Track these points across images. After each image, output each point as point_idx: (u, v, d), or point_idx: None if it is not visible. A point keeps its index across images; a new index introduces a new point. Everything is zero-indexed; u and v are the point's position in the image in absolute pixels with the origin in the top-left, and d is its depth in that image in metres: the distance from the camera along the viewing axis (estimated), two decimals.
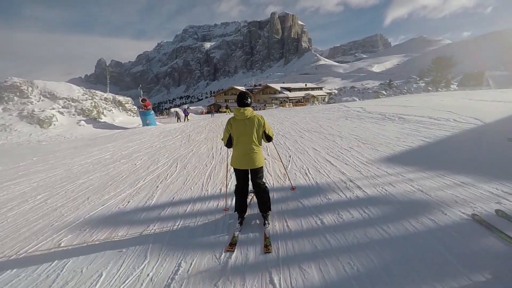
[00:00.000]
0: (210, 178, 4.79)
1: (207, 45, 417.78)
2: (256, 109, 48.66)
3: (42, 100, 20.48)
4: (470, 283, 1.83)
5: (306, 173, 4.58)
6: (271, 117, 17.49)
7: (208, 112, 54.77)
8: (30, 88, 20.08)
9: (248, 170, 3.00)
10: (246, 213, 3.15)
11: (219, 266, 2.25)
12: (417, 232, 2.50)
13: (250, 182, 3.08)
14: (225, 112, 40.17)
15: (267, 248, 2.47)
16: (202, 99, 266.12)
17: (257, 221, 3.05)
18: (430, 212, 2.84)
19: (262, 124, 2.95)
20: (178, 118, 27.81)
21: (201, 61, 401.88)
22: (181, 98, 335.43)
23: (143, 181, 5.10)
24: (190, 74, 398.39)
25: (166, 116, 47.87)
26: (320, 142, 7.31)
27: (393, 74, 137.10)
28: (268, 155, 6.28)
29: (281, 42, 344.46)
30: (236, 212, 3.07)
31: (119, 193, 4.48)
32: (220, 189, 4.19)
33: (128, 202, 4.01)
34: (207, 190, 4.17)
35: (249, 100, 2.91)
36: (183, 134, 13.23)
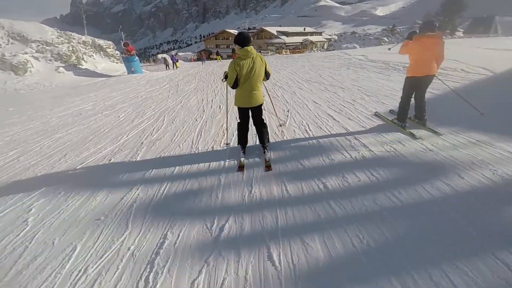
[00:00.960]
0: (201, 135, 4.34)
1: None
2: None
3: (12, 43, 18.27)
4: (496, 262, 1.60)
5: (306, 130, 4.16)
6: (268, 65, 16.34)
7: (198, 59, 51.21)
8: None
9: (250, 108, 3.30)
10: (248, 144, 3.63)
11: (210, 238, 1.98)
12: (432, 199, 2.23)
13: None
14: (215, 59, 37.57)
15: (268, 168, 3.05)
16: (191, 44, 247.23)
17: (257, 152, 3.56)
18: (445, 175, 2.56)
19: (264, 62, 3.19)
20: (167, 65, 25.98)
21: (188, 0, 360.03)
22: (168, 43, 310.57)
23: (127, 136, 4.64)
24: (177, 15, 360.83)
25: (153, 63, 44.69)
26: (321, 94, 6.74)
27: (398, 19, 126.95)
28: (264, 109, 5.75)
29: None
30: (239, 145, 3.57)
31: (99, 150, 4.05)
32: (212, 147, 3.79)
33: (110, 160, 3.62)
34: (198, 149, 3.77)
35: (251, 38, 3.02)
36: (171, 83, 12.26)
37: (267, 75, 3.25)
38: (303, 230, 1.99)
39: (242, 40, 2.94)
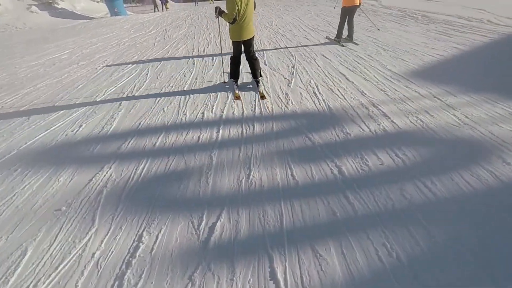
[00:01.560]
0: (189, 97, 3.66)
1: None
2: None
3: None
4: None
5: (315, 93, 3.51)
6: (268, 9, 14.40)
7: (191, 0, 45.79)
8: None
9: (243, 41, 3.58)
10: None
11: (197, 243, 1.56)
12: (475, 194, 1.79)
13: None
14: (208, 1, 33.65)
15: (263, 97, 3.48)
16: None
17: (251, 86, 3.90)
18: (487, 160, 2.08)
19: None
20: (155, 6, 23.14)
21: None
22: None
23: (103, 94, 3.93)
24: None
25: (140, 4, 39.92)
26: (330, 47, 5.82)
27: None
28: (265, 64, 4.94)
29: None
30: (232, 78, 3.86)
31: (70, 112, 3.41)
32: (203, 113, 3.17)
33: (80, 126, 3.02)
34: (185, 114, 3.14)
35: None
36: (159, 28, 10.81)
37: (254, 5, 3.54)
38: (314, 234, 1.57)
39: None
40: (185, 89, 3.96)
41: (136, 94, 3.86)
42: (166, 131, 2.79)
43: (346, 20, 5.96)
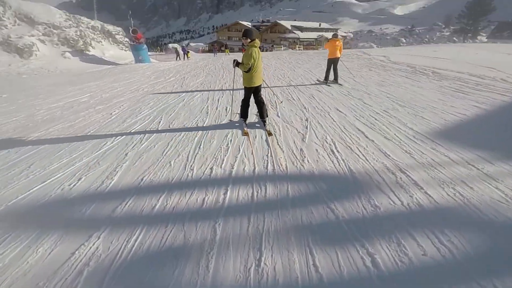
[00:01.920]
0: (199, 148, 3.49)
1: None
2: (263, 50, 44.23)
3: (18, 25, 17.72)
4: None
5: (332, 151, 3.26)
6: (280, 62, 15.27)
7: (209, 51, 50.31)
8: (1, 8, 17.11)
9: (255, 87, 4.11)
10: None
11: None
12: None
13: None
14: (224, 52, 37.10)
15: (270, 134, 3.91)
16: (203, 34, 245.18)
17: (258, 125, 4.36)
18: None
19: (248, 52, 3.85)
20: (177, 55, 25.42)
21: None
22: (181, 32, 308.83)
23: (112, 142, 3.82)
24: (191, 5, 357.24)
25: (164, 53, 43.99)
26: (344, 100, 5.78)
27: (416, 20, 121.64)
28: (278, 116, 4.86)
29: None
30: (242, 118, 4.41)
31: (73, 161, 3.25)
32: (211, 168, 2.93)
33: (79, 180, 2.81)
34: (192, 169, 2.91)
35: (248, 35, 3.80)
36: (177, 76, 11.45)
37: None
38: None
39: (252, 34, 3.81)
40: (195, 140, 3.81)
41: (145, 144, 3.72)
42: (169, 190, 2.52)
43: (332, 67, 7.80)
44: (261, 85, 4.20)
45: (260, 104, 4.30)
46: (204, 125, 4.49)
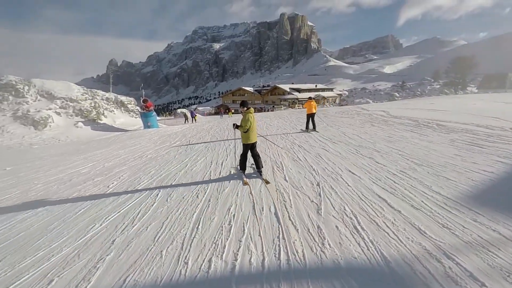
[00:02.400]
0: (197, 229, 3.00)
1: (216, 46, 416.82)
2: (264, 111, 46.72)
3: (39, 100, 19.30)
4: None
5: (355, 227, 2.75)
6: (282, 120, 15.67)
7: (216, 113, 53.58)
8: (26, 87, 18.91)
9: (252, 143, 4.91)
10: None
11: None
12: None
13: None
14: (227, 115, 39.89)
15: (267, 182, 4.50)
16: (210, 99, 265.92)
17: (254, 175, 4.90)
18: None
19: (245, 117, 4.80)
20: (186, 119, 27.00)
21: (210, 62, 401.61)
22: (189, 98, 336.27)
23: (100, 225, 3.37)
24: (199, 75, 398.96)
25: (172, 117, 46.78)
26: (354, 159, 5.46)
27: (405, 76, 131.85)
28: (286, 180, 4.47)
29: (290, 43, 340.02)
30: (241, 170, 5.02)
31: (50, 254, 2.76)
32: (210, 260, 2.40)
33: (51, 282, 2.28)
34: (187, 263, 2.37)
35: (245, 105, 4.90)
36: (183, 140, 11.59)
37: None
38: None
39: (247, 103, 4.86)
40: (194, 216, 3.35)
41: (136, 225, 3.27)
42: None
43: (310, 120, 10.12)
44: (256, 141, 4.99)
45: (256, 158, 5.02)
46: (205, 196, 4.08)
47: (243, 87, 73.16)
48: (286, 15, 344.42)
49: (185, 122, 26.07)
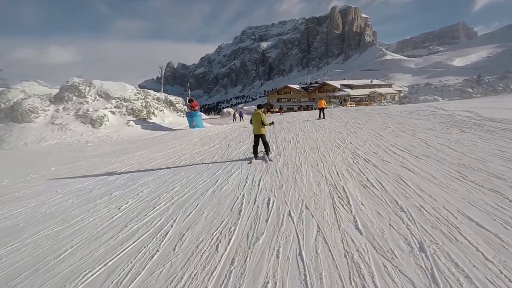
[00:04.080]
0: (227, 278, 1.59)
1: (264, 45, 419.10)
2: (312, 109, 43.89)
3: (97, 100, 20.80)
4: None
5: None
6: (335, 121, 13.47)
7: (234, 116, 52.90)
8: (87, 88, 20.55)
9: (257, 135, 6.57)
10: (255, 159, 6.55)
11: None
12: None
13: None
14: (267, 114, 39.44)
15: (270, 160, 6.27)
16: (256, 98, 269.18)
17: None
18: None
19: (261, 116, 6.44)
20: (234, 118, 27.27)
21: (257, 61, 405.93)
22: (237, 97, 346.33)
23: (100, 269, 2.24)
24: (247, 75, 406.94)
25: (219, 116, 47.43)
26: (468, 195, 3.39)
27: (482, 69, 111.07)
28: (366, 252, 2.77)
29: (341, 37, 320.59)
30: (253, 153, 6.70)
31: None
32: None
33: None
34: None
35: (262, 108, 6.91)
36: (222, 143, 10.56)
37: (262, 122, 6.43)
38: None
39: (261, 106, 6.98)
40: (220, 266, 1.95)
41: (147, 267, 2.03)
42: None
43: (320, 112, 15.01)
44: (260, 135, 6.50)
45: (264, 143, 6.54)
46: (232, 241, 2.66)
47: (288, 85, 70.90)
48: (338, 9, 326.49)
49: (233, 121, 26.39)
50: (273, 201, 3.74)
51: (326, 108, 15.41)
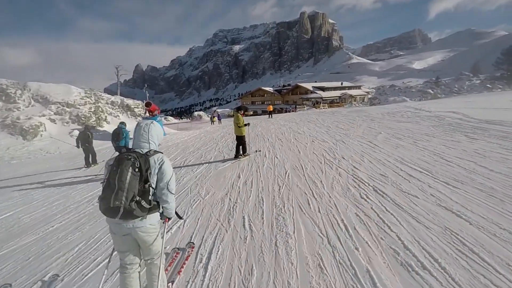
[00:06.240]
0: None
1: (236, 48, 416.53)
2: (286, 111, 42.64)
3: (32, 106, 17.11)
4: None
5: None
6: (313, 125, 11.72)
7: (233, 115, 50.50)
8: (19, 92, 16.78)
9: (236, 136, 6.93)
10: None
11: None
12: None
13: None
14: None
15: (238, 158, 6.80)
16: (230, 101, 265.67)
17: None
18: None
19: (236, 118, 6.83)
20: (213, 121, 26.59)
21: (230, 64, 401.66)
22: (210, 100, 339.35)
23: None
24: (220, 77, 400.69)
25: (189, 120, 44.10)
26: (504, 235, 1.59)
27: (438, 71, 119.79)
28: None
29: (311, 41, 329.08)
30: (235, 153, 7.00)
31: None
32: None
33: None
34: None
35: (239, 108, 7.19)
36: (179, 158, 8.20)
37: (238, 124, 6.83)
38: None
39: (240, 108, 7.17)
40: None
41: None
42: None
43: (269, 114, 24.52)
44: (238, 136, 6.87)
45: (242, 146, 6.93)
46: None
47: (262, 88, 69.63)
48: (306, 14, 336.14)
49: (212, 124, 25.40)
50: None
51: (273, 111, 25.02)
